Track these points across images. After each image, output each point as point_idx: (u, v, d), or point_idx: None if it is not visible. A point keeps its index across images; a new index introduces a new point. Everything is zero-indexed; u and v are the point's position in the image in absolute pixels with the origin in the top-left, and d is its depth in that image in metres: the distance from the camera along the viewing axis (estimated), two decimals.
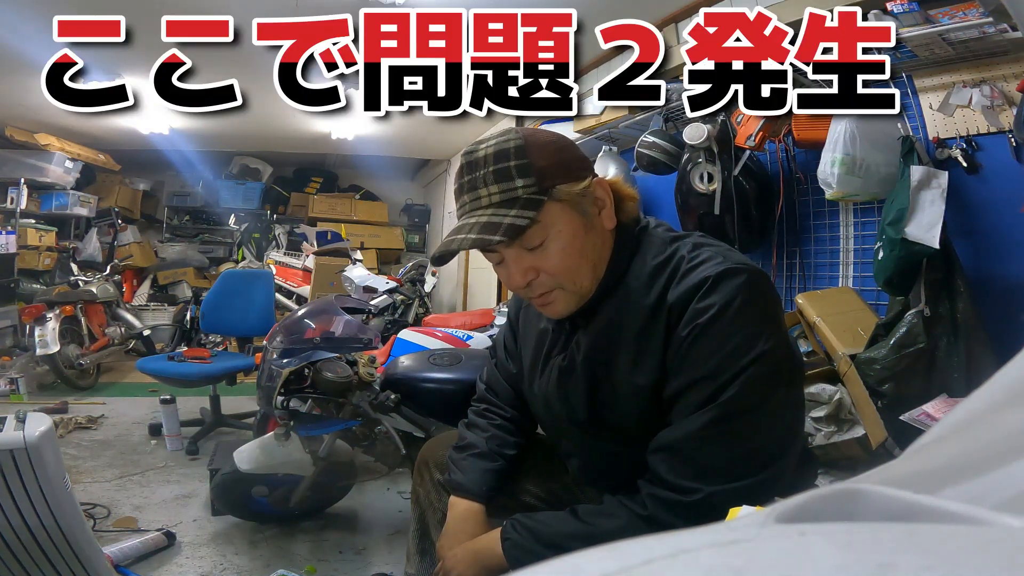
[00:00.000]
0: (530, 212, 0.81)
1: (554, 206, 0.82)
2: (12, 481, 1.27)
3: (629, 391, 0.86)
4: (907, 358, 1.69)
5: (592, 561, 0.18)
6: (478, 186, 0.84)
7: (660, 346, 0.82)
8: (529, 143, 0.84)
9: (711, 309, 0.78)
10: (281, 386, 1.67)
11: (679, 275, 0.83)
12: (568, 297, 0.87)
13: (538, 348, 1.01)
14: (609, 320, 0.88)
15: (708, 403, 0.78)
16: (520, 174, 0.82)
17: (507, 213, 0.81)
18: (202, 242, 7.00)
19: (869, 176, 1.81)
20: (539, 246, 0.83)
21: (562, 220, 0.83)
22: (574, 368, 0.92)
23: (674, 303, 0.81)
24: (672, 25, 3.06)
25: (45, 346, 3.71)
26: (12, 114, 4.84)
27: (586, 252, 0.85)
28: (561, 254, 0.84)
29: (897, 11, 1.79)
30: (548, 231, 0.83)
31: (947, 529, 0.19)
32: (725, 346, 0.78)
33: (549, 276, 0.85)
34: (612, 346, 0.88)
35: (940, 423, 0.33)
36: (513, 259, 0.85)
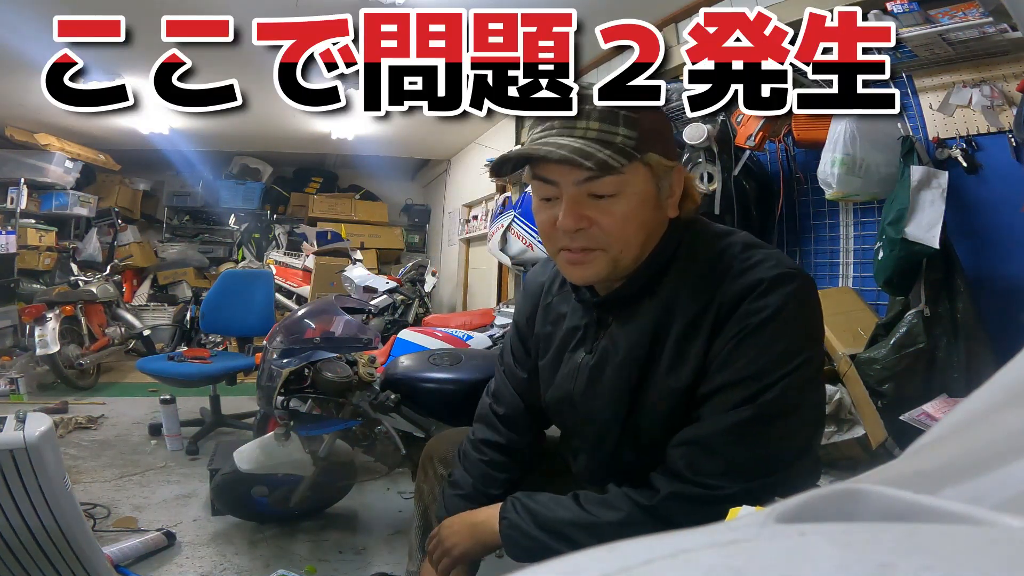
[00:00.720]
0: (623, 159, 0.78)
1: (641, 167, 0.80)
2: (12, 481, 1.27)
3: (665, 393, 0.83)
4: (907, 358, 1.69)
5: (592, 561, 0.18)
6: (580, 117, 0.81)
7: (704, 344, 0.80)
8: (641, 110, 0.83)
9: (764, 311, 0.77)
10: (281, 386, 1.67)
11: (731, 274, 0.81)
12: (607, 263, 0.83)
13: (561, 344, 0.97)
14: (654, 318, 0.85)
15: (746, 403, 0.77)
16: (626, 124, 0.80)
17: (601, 150, 0.78)
18: (202, 242, 7.00)
19: (869, 176, 1.81)
20: (608, 197, 0.80)
21: (641, 183, 0.81)
22: (606, 366, 0.88)
23: (724, 301, 0.79)
24: (672, 25, 3.06)
25: (45, 346, 3.71)
26: (12, 114, 4.84)
27: (645, 224, 0.83)
28: (625, 214, 0.81)
29: (897, 11, 1.79)
30: (624, 187, 0.80)
31: (947, 529, 0.19)
32: (773, 348, 0.77)
33: (602, 232, 0.81)
34: (655, 346, 0.84)
35: (940, 423, 0.33)
36: (573, 200, 0.81)
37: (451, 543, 0.95)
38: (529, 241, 3.51)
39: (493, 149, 4.61)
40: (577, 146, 0.78)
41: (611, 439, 0.91)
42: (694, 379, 0.81)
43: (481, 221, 5.28)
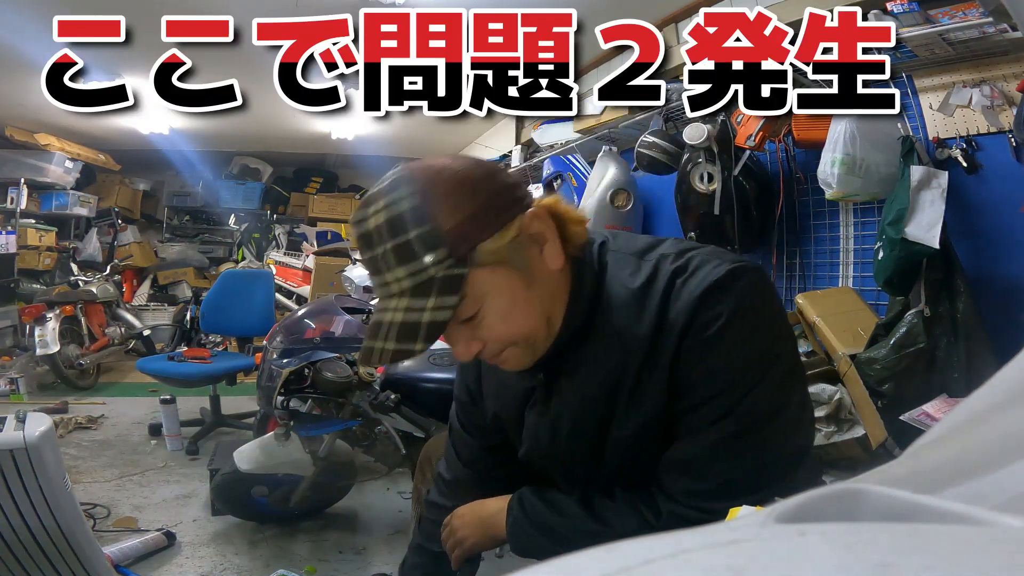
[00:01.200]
0: (450, 298, 0.66)
1: (480, 273, 0.68)
2: (12, 481, 1.27)
3: (638, 428, 0.77)
4: (907, 358, 1.69)
5: (592, 561, 0.18)
6: (381, 270, 0.68)
7: (665, 371, 0.73)
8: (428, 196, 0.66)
9: (720, 319, 0.70)
10: (281, 386, 1.67)
11: (675, 290, 0.72)
12: (524, 352, 0.76)
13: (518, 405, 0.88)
14: (599, 362, 0.77)
15: (724, 416, 0.71)
16: (426, 247, 0.65)
17: (423, 306, 0.66)
18: (202, 242, 7.00)
19: (869, 176, 1.81)
20: (474, 317, 0.70)
21: (494, 285, 0.69)
22: (563, 420, 0.82)
23: (677, 319, 0.71)
24: (672, 25, 3.06)
25: (45, 346, 3.71)
26: (12, 114, 4.84)
27: (533, 308, 0.72)
28: (502, 321, 0.71)
29: (897, 11, 1.79)
30: (481, 301, 0.69)
31: (947, 529, 0.19)
32: (740, 356, 0.71)
33: (496, 341, 0.73)
34: (612, 389, 0.77)
35: (940, 423, 0.33)
36: (451, 336, 0.73)
37: (462, 535, 0.93)
38: None
39: (493, 149, 4.61)
40: (400, 320, 0.67)
41: (595, 479, 0.86)
42: (662, 407, 0.75)
43: None
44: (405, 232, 0.65)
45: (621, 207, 2.91)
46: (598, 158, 3.05)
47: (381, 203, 0.67)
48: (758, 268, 0.76)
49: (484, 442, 0.99)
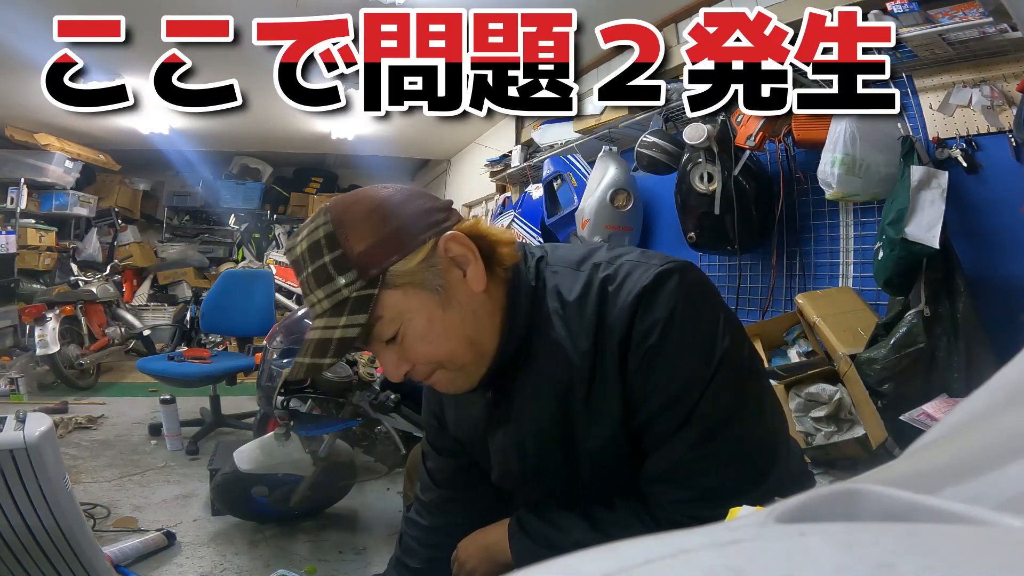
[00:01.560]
0: (360, 316, 0.69)
1: (392, 295, 0.70)
2: (12, 481, 1.27)
3: (604, 441, 0.76)
4: (907, 358, 1.68)
5: (592, 561, 0.18)
6: (307, 291, 0.72)
7: (617, 383, 0.72)
8: (342, 224, 0.70)
9: (657, 326, 0.69)
10: (281, 386, 1.67)
11: (608, 299, 0.72)
12: (455, 375, 0.76)
13: (480, 429, 0.88)
14: (548, 377, 0.76)
15: (685, 423, 0.71)
16: (339, 270, 0.69)
17: (336, 324, 0.69)
18: (202, 242, 7.01)
19: (869, 176, 1.81)
20: (393, 340, 0.72)
21: (408, 306, 0.70)
22: (526, 441, 0.81)
23: (613, 329, 0.71)
24: (672, 25, 3.06)
25: (45, 346, 3.71)
26: (12, 114, 4.84)
27: (452, 330, 0.72)
28: (421, 342, 0.72)
29: (897, 11, 1.79)
30: (398, 321, 0.71)
31: (947, 529, 0.19)
32: (684, 359, 0.71)
33: (423, 360, 0.74)
34: (566, 402, 0.76)
35: (940, 423, 0.33)
36: (378, 355, 0.75)
37: (471, 567, 0.90)
38: (529, 240, 3.52)
39: (493, 149, 4.61)
40: (317, 338, 0.71)
41: (574, 494, 0.84)
42: (622, 419, 0.74)
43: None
44: (321, 256, 0.70)
45: (621, 207, 2.91)
46: (598, 158, 3.05)
47: (305, 232, 0.73)
48: (687, 266, 0.75)
49: (457, 462, 0.98)
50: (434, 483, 1.01)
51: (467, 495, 0.98)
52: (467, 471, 0.97)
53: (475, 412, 0.87)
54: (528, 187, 3.77)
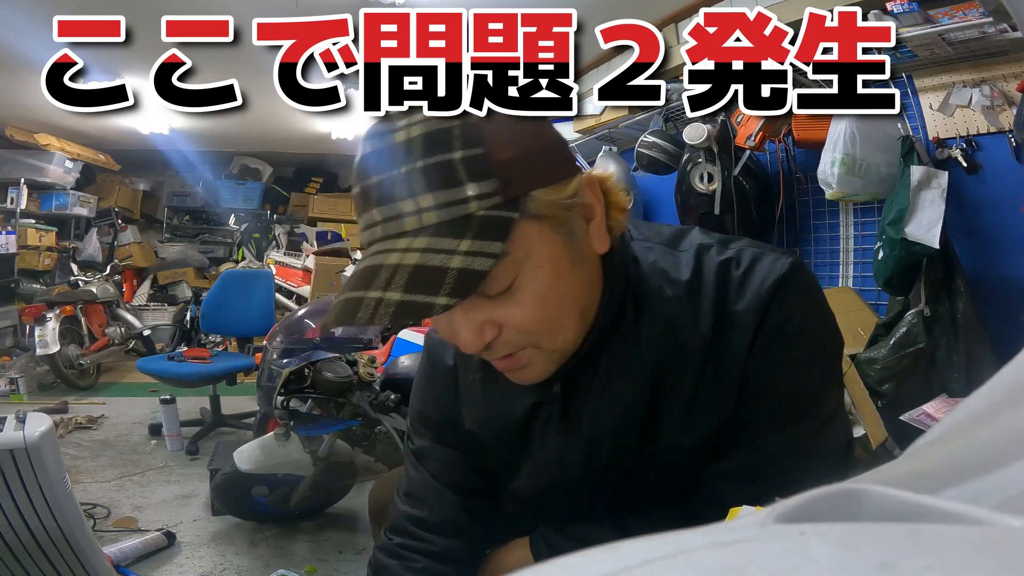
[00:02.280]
0: (494, 244, 0.50)
1: (529, 227, 0.52)
2: (12, 481, 1.27)
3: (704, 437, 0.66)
4: (907, 358, 1.69)
5: (592, 561, 0.18)
6: (397, 196, 0.52)
7: (737, 371, 0.63)
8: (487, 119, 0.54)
9: (794, 319, 0.62)
10: (281, 386, 1.67)
11: (732, 282, 0.63)
12: (546, 358, 0.60)
13: (520, 430, 0.72)
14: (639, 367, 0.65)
15: (794, 420, 0.64)
16: (472, 174, 0.51)
17: (454, 247, 0.50)
18: (202, 242, 7.00)
19: (869, 176, 1.81)
20: (505, 290, 0.54)
21: (540, 248, 0.54)
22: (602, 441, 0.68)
23: (744, 316, 0.62)
24: (672, 25, 3.06)
25: (45, 346, 3.72)
26: (12, 114, 4.84)
27: (572, 293, 0.57)
28: (539, 302, 0.55)
29: (897, 11, 1.79)
30: (520, 267, 0.53)
31: (947, 529, 0.19)
32: (817, 357, 0.65)
33: (519, 332, 0.56)
34: (658, 397, 0.65)
35: (940, 423, 0.33)
36: (463, 314, 0.55)
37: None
38: None
39: None
40: (415, 264, 0.50)
41: (623, 500, 0.73)
42: (730, 415, 0.64)
43: None
44: (448, 150, 0.51)
45: None
46: (598, 158, 3.05)
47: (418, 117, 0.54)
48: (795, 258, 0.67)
49: (464, 459, 0.79)
50: (441, 483, 0.80)
51: (477, 505, 0.79)
52: (474, 473, 0.80)
53: (515, 414, 0.71)
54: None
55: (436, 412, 0.79)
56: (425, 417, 0.81)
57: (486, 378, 0.72)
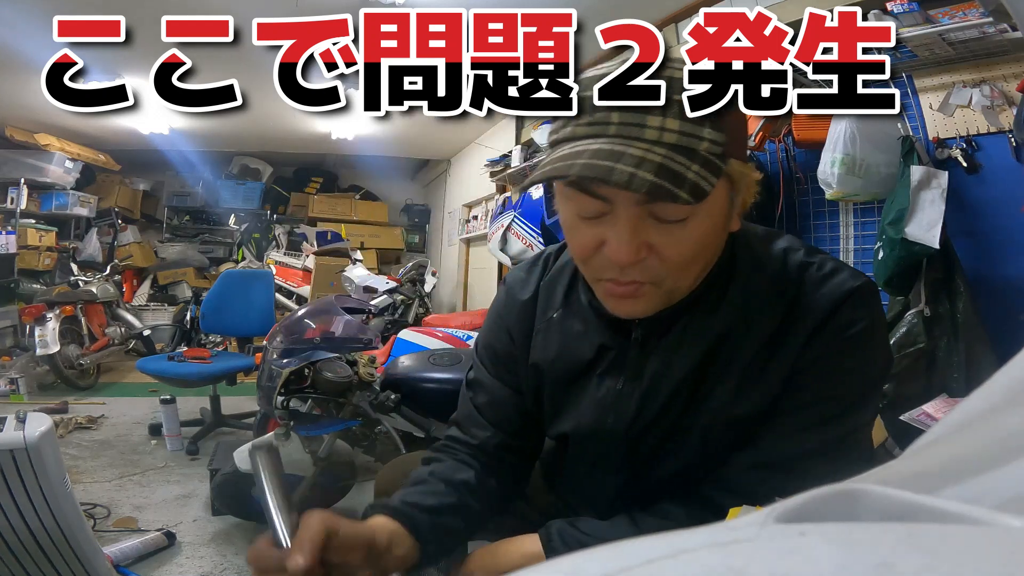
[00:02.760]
0: (712, 178, 0.59)
1: (722, 182, 0.62)
2: (12, 481, 1.27)
3: (733, 416, 0.71)
4: (907, 358, 1.69)
5: (592, 561, 0.18)
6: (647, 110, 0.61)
7: (791, 360, 0.69)
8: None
9: (858, 324, 0.67)
10: (281, 386, 1.67)
11: (810, 281, 0.70)
12: (659, 298, 0.67)
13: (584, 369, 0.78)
14: (717, 336, 0.71)
15: (833, 420, 0.69)
16: (713, 124, 0.61)
17: (688, 165, 0.58)
18: (202, 242, 7.00)
19: (869, 176, 1.81)
20: (675, 222, 0.61)
21: (717, 202, 0.63)
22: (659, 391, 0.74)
23: (813, 310, 0.68)
24: (672, 25, 3.06)
25: (45, 346, 3.72)
26: (12, 114, 4.85)
27: (710, 248, 0.67)
28: (694, 243, 0.63)
29: (897, 11, 1.79)
30: (697, 209, 0.61)
31: (947, 529, 0.19)
32: (867, 366, 0.70)
33: (661, 264, 0.63)
34: (711, 365, 0.71)
35: (940, 423, 0.33)
36: (634, 225, 0.61)
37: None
38: (529, 241, 3.51)
39: (493, 149, 4.61)
40: (659, 162, 0.58)
41: (643, 469, 0.77)
42: (773, 399, 0.70)
43: (481, 221, 5.28)
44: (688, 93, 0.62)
45: None
46: None
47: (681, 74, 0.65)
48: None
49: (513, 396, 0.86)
50: (486, 419, 0.85)
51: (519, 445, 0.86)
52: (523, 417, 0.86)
53: (585, 354, 0.77)
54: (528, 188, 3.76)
55: (504, 344, 0.86)
56: (492, 350, 0.87)
57: (564, 316, 0.80)
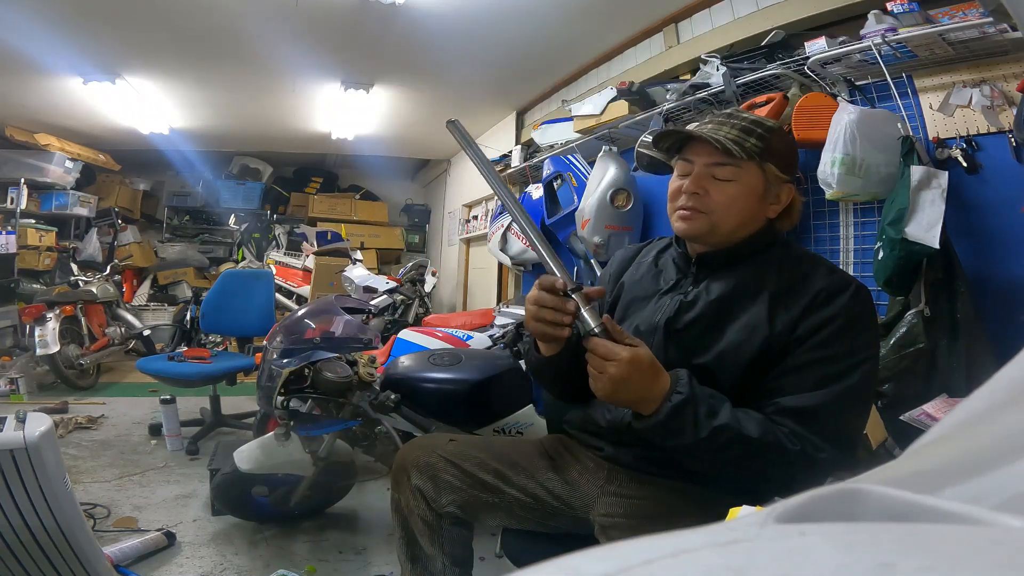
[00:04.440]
0: (743, 154, 1.00)
1: (755, 168, 1.02)
2: (12, 481, 1.27)
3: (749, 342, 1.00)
4: (907, 358, 1.68)
5: (592, 561, 0.18)
6: (724, 124, 1.04)
7: (797, 313, 0.98)
8: (779, 133, 1.06)
9: (858, 306, 0.98)
10: (281, 386, 1.67)
11: (822, 271, 1.03)
12: (705, 225, 1.05)
13: (655, 287, 1.15)
14: (745, 281, 1.05)
15: (843, 376, 0.94)
16: (759, 138, 1.02)
17: (733, 145, 1.00)
18: (202, 242, 7.01)
19: (869, 176, 1.81)
20: (724, 181, 1.03)
21: (752, 179, 1.03)
22: (696, 304, 1.07)
23: (823, 290, 0.99)
24: (672, 25, 3.05)
25: (45, 346, 3.72)
26: (12, 114, 4.85)
27: (744, 209, 1.04)
28: (732, 196, 1.03)
29: (897, 11, 1.79)
30: (739, 177, 1.02)
31: (947, 529, 0.19)
32: (863, 337, 0.97)
33: (711, 201, 1.03)
34: (745, 300, 1.03)
35: (940, 423, 0.33)
36: (702, 175, 1.04)
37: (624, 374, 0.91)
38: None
39: (493, 149, 4.61)
40: (733, 136, 1.01)
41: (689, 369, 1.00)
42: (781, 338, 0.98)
43: (481, 221, 5.28)
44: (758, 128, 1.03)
45: (621, 207, 2.91)
46: (598, 158, 3.05)
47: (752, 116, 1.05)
48: None
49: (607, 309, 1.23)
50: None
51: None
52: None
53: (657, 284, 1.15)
54: (528, 187, 3.77)
55: (615, 265, 1.29)
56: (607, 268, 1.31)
57: (651, 263, 1.21)
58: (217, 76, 4.02)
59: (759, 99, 2.15)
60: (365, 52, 3.63)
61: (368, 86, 4.21)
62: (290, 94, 4.49)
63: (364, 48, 3.56)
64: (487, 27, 3.22)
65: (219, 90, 4.39)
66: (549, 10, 3.03)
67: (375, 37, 3.38)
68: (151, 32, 3.32)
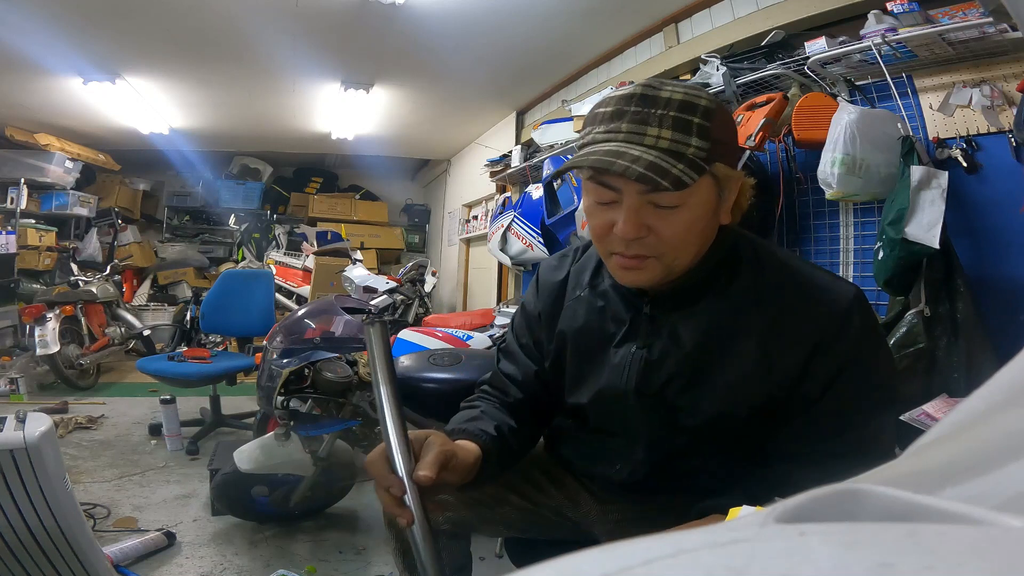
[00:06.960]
0: (694, 174, 0.75)
1: (706, 179, 0.78)
2: (12, 481, 1.27)
3: (740, 397, 0.85)
4: (907, 358, 1.68)
5: (592, 561, 0.18)
6: (648, 122, 0.77)
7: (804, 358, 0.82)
8: (720, 112, 0.80)
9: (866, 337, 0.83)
10: (281, 386, 1.67)
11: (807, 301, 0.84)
12: (660, 269, 0.83)
13: (604, 338, 0.94)
14: (723, 317, 0.86)
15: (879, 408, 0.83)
16: (699, 134, 0.76)
17: (674, 164, 0.75)
18: (202, 242, 7.01)
19: (869, 176, 1.81)
20: (670, 208, 0.78)
21: (703, 195, 0.80)
22: (667, 359, 0.88)
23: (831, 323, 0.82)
24: (672, 25, 3.06)
25: (45, 346, 3.71)
26: (12, 114, 4.85)
27: (702, 234, 0.83)
28: (684, 226, 0.80)
29: (897, 11, 1.79)
30: (688, 198, 0.78)
31: (947, 529, 0.19)
32: (880, 354, 0.86)
33: (660, 241, 0.80)
34: (726, 344, 0.85)
35: (940, 423, 0.33)
36: (635, 209, 0.79)
37: None
38: (529, 241, 3.51)
39: (493, 149, 4.61)
40: (651, 160, 0.75)
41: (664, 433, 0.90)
42: (790, 386, 0.83)
43: (481, 221, 5.28)
44: (692, 114, 0.77)
45: None
46: None
47: (679, 88, 0.79)
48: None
49: (538, 369, 1.04)
50: (514, 384, 1.05)
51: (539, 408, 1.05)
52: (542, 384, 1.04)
53: (606, 329, 0.94)
54: (528, 187, 3.77)
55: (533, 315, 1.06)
56: (526, 320, 1.07)
57: (589, 295, 0.98)
58: (217, 76, 4.02)
59: (759, 99, 2.15)
60: (365, 52, 3.63)
61: (368, 86, 4.21)
62: (290, 94, 4.49)
63: (364, 48, 3.56)
64: (487, 27, 3.22)
65: (219, 90, 4.39)
66: (549, 10, 3.03)
67: (375, 37, 3.38)
68: (151, 32, 3.32)
